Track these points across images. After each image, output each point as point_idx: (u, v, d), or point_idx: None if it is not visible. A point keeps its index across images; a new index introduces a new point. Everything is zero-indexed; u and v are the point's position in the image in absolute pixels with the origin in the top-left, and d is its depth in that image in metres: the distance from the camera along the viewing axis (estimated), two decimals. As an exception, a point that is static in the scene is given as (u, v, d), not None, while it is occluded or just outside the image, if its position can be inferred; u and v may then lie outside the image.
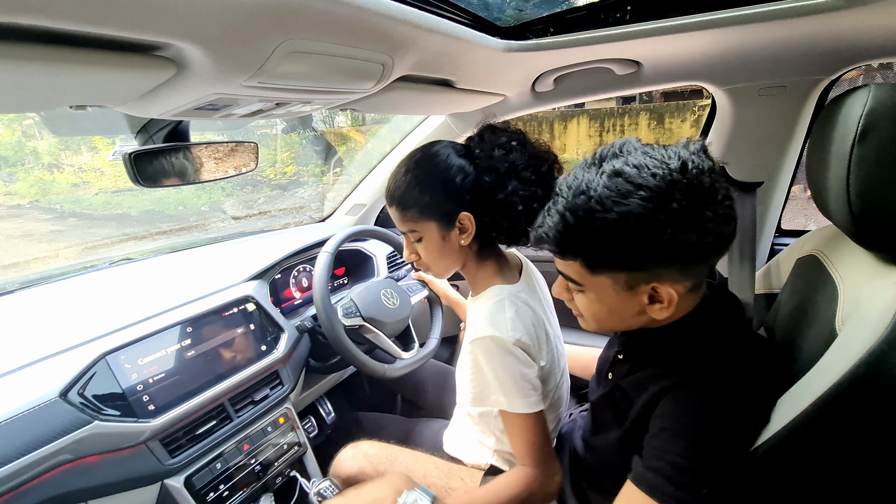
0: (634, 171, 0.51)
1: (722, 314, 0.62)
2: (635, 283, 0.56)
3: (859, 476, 0.52)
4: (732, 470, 0.53)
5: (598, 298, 0.60)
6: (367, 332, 1.05)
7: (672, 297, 0.55)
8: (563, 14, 0.81)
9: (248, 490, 0.92)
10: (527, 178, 0.75)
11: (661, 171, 0.50)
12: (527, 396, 0.72)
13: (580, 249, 0.56)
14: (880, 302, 0.49)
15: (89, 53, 0.40)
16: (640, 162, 0.51)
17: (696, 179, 0.50)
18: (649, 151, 0.53)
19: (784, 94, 0.99)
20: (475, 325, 0.75)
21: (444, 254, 0.81)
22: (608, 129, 8.79)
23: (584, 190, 0.53)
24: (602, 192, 0.52)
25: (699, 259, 0.54)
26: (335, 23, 0.49)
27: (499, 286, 0.79)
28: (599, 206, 0.52)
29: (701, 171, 0.51)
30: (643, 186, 0.50)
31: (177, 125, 0.82)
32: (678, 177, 0.50)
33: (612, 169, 0.52)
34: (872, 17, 0.68)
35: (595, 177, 0.53)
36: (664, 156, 0.52)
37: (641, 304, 0.58)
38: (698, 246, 0.52)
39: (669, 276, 0.55)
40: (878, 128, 0.52)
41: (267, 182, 5.12)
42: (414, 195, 0.77)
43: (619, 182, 0.51)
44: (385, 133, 1.96)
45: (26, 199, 4.02)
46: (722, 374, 0.56)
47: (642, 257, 0.53)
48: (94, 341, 0.81)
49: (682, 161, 0.51)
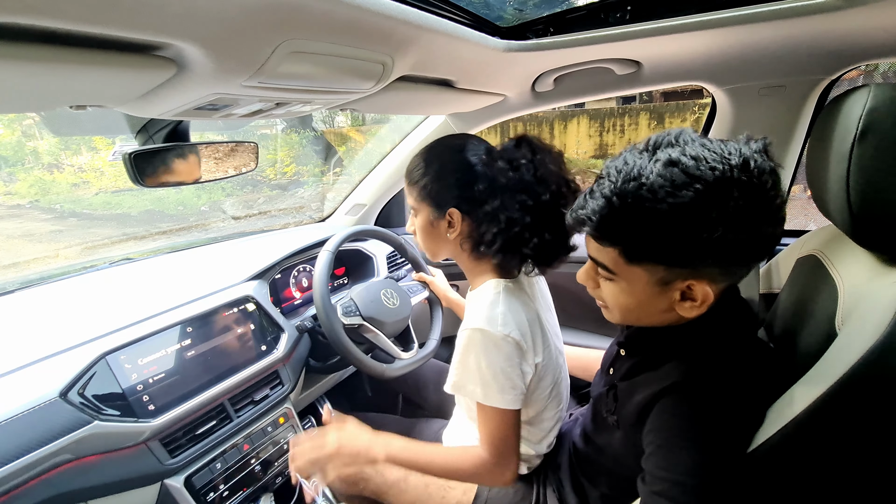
0: (692, 162, 0.48)
1: (733, 318, 0.60)
2: (672, 279, 0.54)
3: (860, 475, 0.52)
4: (731, 474, 0.53)
5: (630, 290, 0.57)
6: (367, 331, 1.05)
7: (707, 297, 0.53)
8: (563, 14, 0.81)
9: (248, 490, 0.92)
10: (521, 201, 0.74)
11: (722, 165, 0.47)
12: (502, 392, 0.73)
13: (622, 237, 0.53)
14: (880, 302, 0.49)
15: (89, 53, 0.40)
16: (698, 153, 0.49)
17: (757, 179, 0.48)
18: (707, 144, 0.51)
19: (784, 94, 0.99)
20: (468, 317, 0.77)
21: (430, 238, 0.85)
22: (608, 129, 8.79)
23: (635, 176, 0.50)
24: (655, 181, 0.49)
25: (744, 261, 0.53)
26: (335, 23, 0.49)
27: (495, 280, 0.79)
28: (651, 195, 0.49)
29: (762, 170, 0.48)
30: (700, 179, 0.47)
31: (177, 125, 0.82)
32: (739, 174, 0.47)
33: (667, 158, 0.49)
34: (872, 17, 0.68)
35: (648, 164, 0.50)
36: (724, 150, 0.49)
37: (672, 301, 0.56)
38: (747, 248, 0.50)
39: (709, 275, 0.53)
40: (878, 128, 0.52)
41: (267, 182, 5.12)
42: (418, 174, 0.81)
43: (674, 172, 0.48)
44: (385, 133, 1.96)
45: (26, 199, 4.02)
46: (716, 379, 0.55)
47: (686, 253, 0.51)
48: (94, 341, 0.81)
49: (744, 158, 0.48)
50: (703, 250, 0.50)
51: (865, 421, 0.48)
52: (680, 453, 0.53)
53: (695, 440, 0.53)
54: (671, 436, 0.55)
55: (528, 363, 0.76)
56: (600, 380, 0.77)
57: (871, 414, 0.48)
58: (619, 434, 0.66)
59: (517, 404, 0.74)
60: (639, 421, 0.60)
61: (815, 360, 0.53)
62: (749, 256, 0.52)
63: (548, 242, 0.75)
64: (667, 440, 0.55)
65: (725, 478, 0.52)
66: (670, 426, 0.55)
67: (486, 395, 0.74)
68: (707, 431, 0.53)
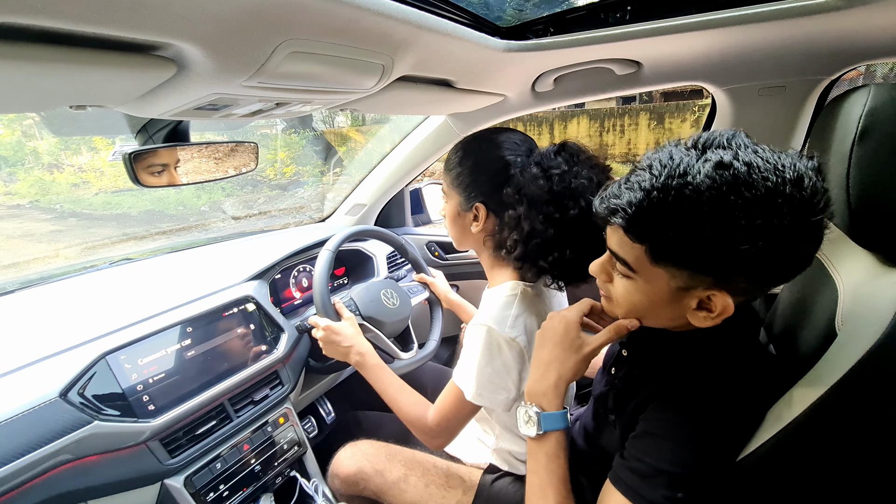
0: (745, 168, 0.45)
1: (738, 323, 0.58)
2: (694, 286, 0.51)
3: (859, 476, 0.52)
4: (714, 477, 0.53)
5: (646, 290, 0.55)
6: (367, 331, 1.05)
7: (726, 309, 0.51)
8: (563, 14, 0.81)
9: (248, 490, 0.92)
10: (546, 213, 0.72)
11: (775, 177, 0.45)
12: (479, 388, 0.74)
13: (653, 234, 0.50)
14: (880, 302, 0.49)
15: (89, 53, 0.40)
16: (751, 161, 0.46)
17: (810, 199, 0.45)
18: (760, 152, 0.48)
19: (784, 94, 0.99)
20: (480, 312, 0.77)
21: (456, 227, 0.86)
22: (608, 129, 8.80)
23: (682, 173, 0.47)
24: (703, 181, 0.46)
25: (775, 278, 0.51)
26: (335, 23, 0.49)
27: (514, 282, 0.79)
28: (695, 195, 0.46)
29: (816, 191, 0.46)
30: (751, 188, 0.45)
31: (177, 125, 0.82)
32: (792, 190, 0.45)
33: (719, 159, 0.46)
34: (872, 17, 0.68)
35: (696, 163, 0.47)
36: (778, 162, 0.46)
37: (686, 308, 0.54)
38: (783, 265, 0.48)
39: (735, 287, 0.50)
40: (878, 128, 0.52)
41: (267, 182, 5.13)
42: (454, 162, 0.83)
43: (725, 176, 0.45)
44: (385, 133, 1.96)
45: (26, 199, 4.02)
46: (714, 384, 0.55)
47: (718, 262, 0.48)
48: (94, 341, 0.81)
49: (799, 174, 0.45)
50: (736, 261, 0.47)
51: (865, 421, 0.48)
52: (660, 445, 0.54)
53: (678, 437, 0.53)
54: (658, 428, 0.55)
55: (527, 370, 0.75)
56: (601, 379, 0.77)
57: (872, 414, 0.48)
58: (615, 433, 0.67)
59: (481, 401, 0.75)
60: (633, 420, 0.60)
61: (814, 360, 0.53)
62: (782, 273, 0.50)
63: (569, 260, 0.72)
64: (656, 429, 0.55)
65: (702, 477, 0.52)
66: (659, 419, 0.55)
67: (464, 381, 0.76)
68: (693, 432, 0.53)
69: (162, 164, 0.84)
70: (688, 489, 0.52)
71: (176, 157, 0.85)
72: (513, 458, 0.87)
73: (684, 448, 0.53)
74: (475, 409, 0.79)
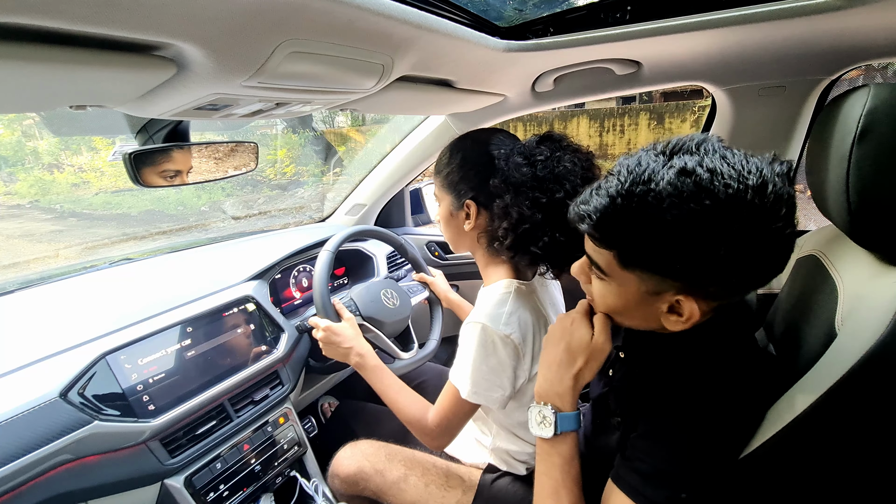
0: (707, 175, 0.45)
1: (730, 322, 0.59)
2: (663, 290, 0.52)
3: (859, 475, 0.52)
4: (716, 477, 0.53)
5: (620, 292, 0.56)
6: (367, 331, 1.05)
7: (693, 315, 0.52)
8: (563, 14, 0.81)
9: (248, 490, 0.92)
10: (533, 198, 0.72)
11: (737, 184, 0.44)
12: (475, 386, 0.75)
13: (620, 240, 0.51)
14: (880, 302, 0.49)
15: (89, 53, 0.40)
16: (715, 167, 0.45)
17: (771, 206, 0.45)
18: (728, 158, 0.47)
19: (784, 94, 0.99)
20: (474, 311, 0.78)
21: (450, 229, 0.87)
22: (608, 129, 8.80)
23: (645, 179, 0.47)
24: (665, 188, 0.46)
25: (741, 285, 0.51)
26: (335, 23, 0.49)
27: (508, 280, 0.79)
28: (656, 202, 0.46)
29: (779, 197, 0.45)
30: (711, 194, 0.44)
31: (177, 125, 0.82)
32: (754, 197, 0.44)
33: (682, 166, 0.46)
34: (872, 17, 0.68)
35: (662, 169, 0.47)
36: (744, 168, 0.46)
37: (659, 311, 0.54)
38: (747, 272, 0.48)
39: (702, 292, 0.51)
40: (877, 128, 0.52)
41: (267, 182, 5.13)
42: (443, 164, 0.85)
43: (686, 182, 0.45)
44: (385, 133, 1.96)
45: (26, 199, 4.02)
46: (714, 383, 0.55)
47: (682, 268, 0.49)
48: (94, 341, 0.81)
49: (763, 181, 0.45)
50: (700, 267, 0.48)
51: (866, 421, 0.48)
52: (663, 445, 0.54)
53: (681, 437, 0.54)
54: (660, 428, 0.55)
55: (522, 368, 0.76)
56: (598, 381, 0.77)
57: (872, 414, 0.48)
58: (616, 436, 0.66)
59: (477, 399, 0.76)
60: (636, 418, 0.60)
61: (815, 360, 0.53)
62: (748, 281, 0.50)
63: (561, 243, 0.73)
64: (658, 429, 0.55)
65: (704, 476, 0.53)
66: (661, 420, 0.56)
67: (461, 381, 0.76)
68: (695, 432, 0.53)
69: (175, 171, 0.84)
70: (691, 489, 0.52)
71: (189, 164, 0.86)
72: (510, 457, 0.87)
73: (687, 448, 0.53)
74: (474, 408, 0.79)
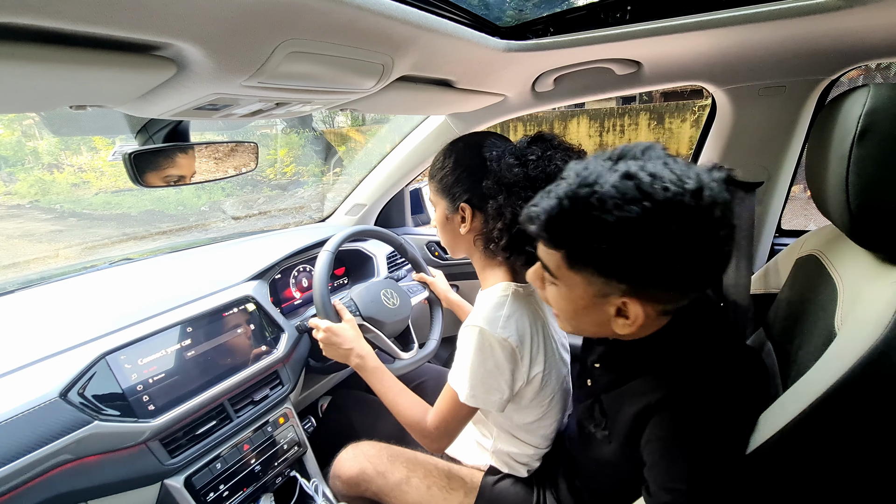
0: (648, 178, 0.47)
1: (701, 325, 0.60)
2: (609, 292, 0.54)
3: (859, 475, 0.52)
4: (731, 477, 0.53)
5: (569, 296, 0.58)
6: (367, 331, 1.05)
7: (638, 318, 0.53)
8: (563, 14, 0.81)
9: (248, 490, 0.92)
10: (526, 197, 0.72)
11: (675, 187, 0.46)
12: (473, 389, 0.75)
13: (566, 241, 0.53)
14: (880, 302, 0.49)
15: (89, 53, 0.40)
16: (656, 171, 0.48)
17: (706, 209, 0.47)
18: (670, 164, 0.49)
19: (784, 94, 0.99)
20: (472, 314, 0.78)
21: (446, 233, 0.87)
22: (608, 129, 8.79)
23: (590, 182, 0.50)
24: (607, 191, 0.48)
25: (682, 288, 0.52)
26: (335, 23, 0.49)
27: (505, 283, 0.79)
28: (600, 204, 0.48)
29: (715, 201, 0.47)
30: (650, 197, 0.46)
31: (177, 125, 0.82)
32: (690, 200, 0.46)
33: (626, 170, 0.49)
34: (872, 17, 0.68)
35: (607, 172, 0.50)
36: (684, 173, 0.48)
37: (608, 315, 0.56)
38: (685, 275, 0.50)
39: (645, 296, 0.53)
40: (877, 128, 0.52)
41: (267, 182, 5.13)
42: (437, 168, 0.85)
43: (628, 185, 0.48)
44: (385, 133, 1.96)
45: (26, 199, 4.02)
46: (707, 388, 0.55)
47: (624, 269, 0.51)
48: (94, 341, 0.81)
49: (700, 185, 0.47)
50: (640, 269, 0.50)
51: (865, 420, 0.48)
52: (680, 463, 0.53)
53: (693, 449, 0.53)
54: (670, 446, 0.55)
55: (520, 371, 0.76)
56: (579, 393, 0.78)
57: (871, 414, 0.48)
58: (611, 447, 0.66)
59: (475, 403, 0.76)
60: (633, 433, 0.59)
61: (814, 359, 0.53)
62: (688, 284, 0.51)
63: None
64: (666, 451, 0.55)
65: (726, 480, 0.53)
66: (668, 437, 0.55)
67: (460, 385, 0.76)
68: (704, 439, 0.53)
69: (175, 171, 0.84)
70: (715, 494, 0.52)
71: (189, 164, 0.86)
72: (511, 459, 0.87)
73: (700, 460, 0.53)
74: (473, 411, 0.79)
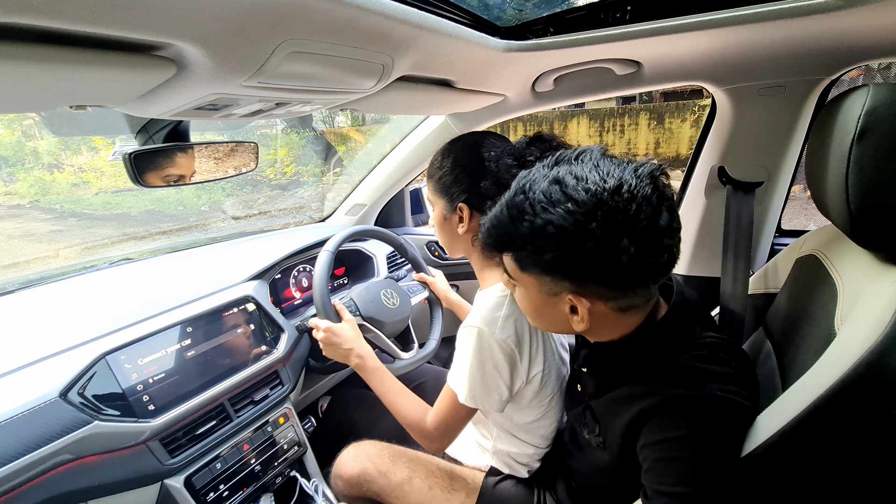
0: (573, 181, 0.50)
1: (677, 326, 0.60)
2: (558, 291, 0.56)
3: (858, 475, 0.52)
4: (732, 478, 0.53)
5: (528, 296, 0.61)
6: (367, 331, 1.05)
7: (586, 314, 0.55)
8: (563, 14, 0.81)
9: (247, 490, 0.92)
10: None
11: (595, 187, 0.49)
12: (472, 390, 0.75)
13: (507, 245, 0.57)
14: (879, 301, 0.49)
15: (89, 53, 0.40)
16: (582, 174, 0.51)
17: (621, 204, 0.48)
18: (601, 164, 0.52)
19: (784, 94, 0.99)
20: (471, 315, 0.78)
21: (444, 233, 0.87)
22: (608, 129, 8.79)
23: (525, 189, 0.54)
24: (537, 196, 0.52)
25: (620, 284, 0.53)
26: (335, 23, 0.49)
27: (504, 283, 0.79)
28: (530, 209, 0.52)
29: (632, 196, 0.49)
30: (572, 199, 0.49)
31: (177, 125, 0.82)
32: (606, 198, 0.49)
33: (555, 175, 0.52)
34: (872, 17, 0.68)
35: (540, 179, 0.53)
36: (608, 173, 0.50)
37: (564, 313, 0.58)
38: (616, 270, 0.51)
39: (589, 292, 0.55)
40: (877, 127, 0.52)
41: (267, 182, 5.12)
42: (435, 168, 0.85)
43: (554, 190, 0.51)
44: (385, 133, 1.96)
45: (26, 199, 4.02)
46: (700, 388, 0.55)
47: (560, 268, 0.53)
48: (94, 341, 0.81)
49: (619, 182, 0.49)
50: (573, 266, 0.52)
51: (865, 420, 0.48)
52: (677, 465, 0.53)
53: (690, 453, 0.53)
54: (667, 449, 0.55)
55: (519, 371, 0.76)
56: (569, 395, 0.78)
57: (871, 413, 0.48)
58: (606, 454, 0.66)
59: (474, 404, 0.76)
60: (628, 440, 0.59)
61: (814, 359, 0.53)
62: (624, 279, 0.52)
63: None
64: (663, 455, 0.55)
65: (725, 481, 0.53)
66: (664, 440, 0.55)
67: (458, 385, 0.76)
68: (701, 443, 0.53)
69: (175, 171, 0.84)
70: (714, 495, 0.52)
71: (189, 164, 0.86)
72: (512, 459, 0.87)
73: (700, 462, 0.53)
74: (472, 412, 0.79)
